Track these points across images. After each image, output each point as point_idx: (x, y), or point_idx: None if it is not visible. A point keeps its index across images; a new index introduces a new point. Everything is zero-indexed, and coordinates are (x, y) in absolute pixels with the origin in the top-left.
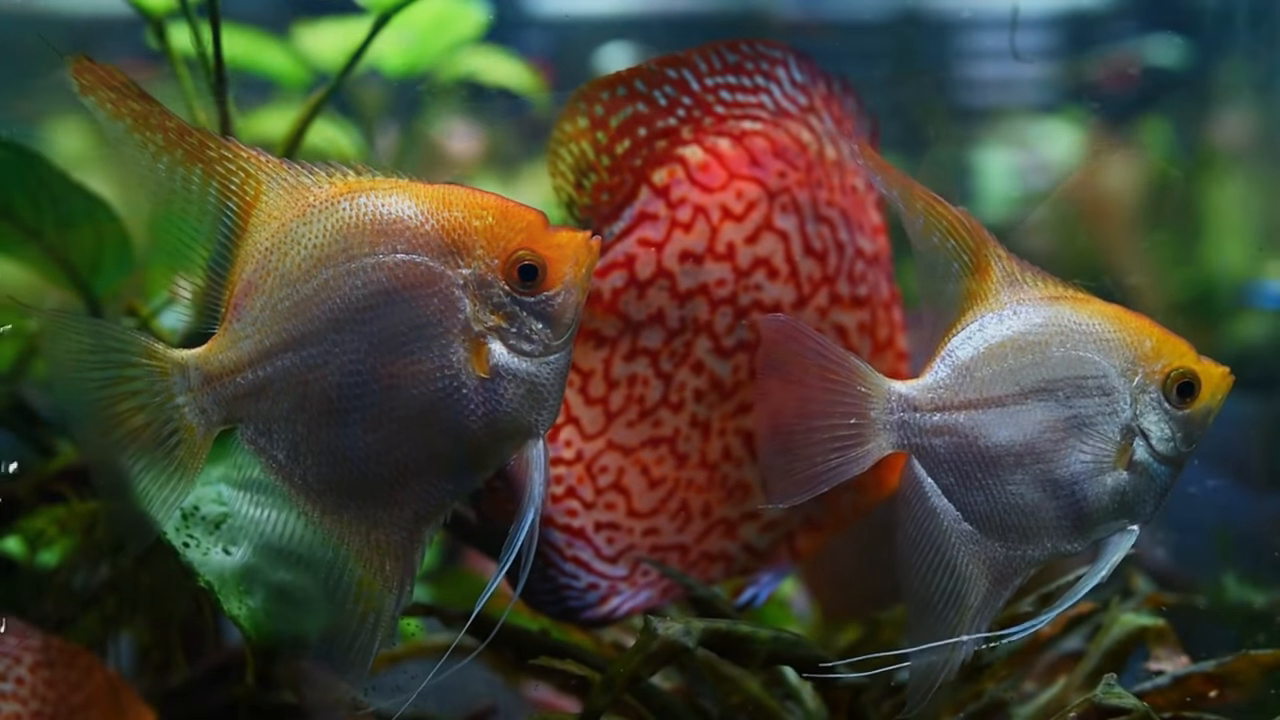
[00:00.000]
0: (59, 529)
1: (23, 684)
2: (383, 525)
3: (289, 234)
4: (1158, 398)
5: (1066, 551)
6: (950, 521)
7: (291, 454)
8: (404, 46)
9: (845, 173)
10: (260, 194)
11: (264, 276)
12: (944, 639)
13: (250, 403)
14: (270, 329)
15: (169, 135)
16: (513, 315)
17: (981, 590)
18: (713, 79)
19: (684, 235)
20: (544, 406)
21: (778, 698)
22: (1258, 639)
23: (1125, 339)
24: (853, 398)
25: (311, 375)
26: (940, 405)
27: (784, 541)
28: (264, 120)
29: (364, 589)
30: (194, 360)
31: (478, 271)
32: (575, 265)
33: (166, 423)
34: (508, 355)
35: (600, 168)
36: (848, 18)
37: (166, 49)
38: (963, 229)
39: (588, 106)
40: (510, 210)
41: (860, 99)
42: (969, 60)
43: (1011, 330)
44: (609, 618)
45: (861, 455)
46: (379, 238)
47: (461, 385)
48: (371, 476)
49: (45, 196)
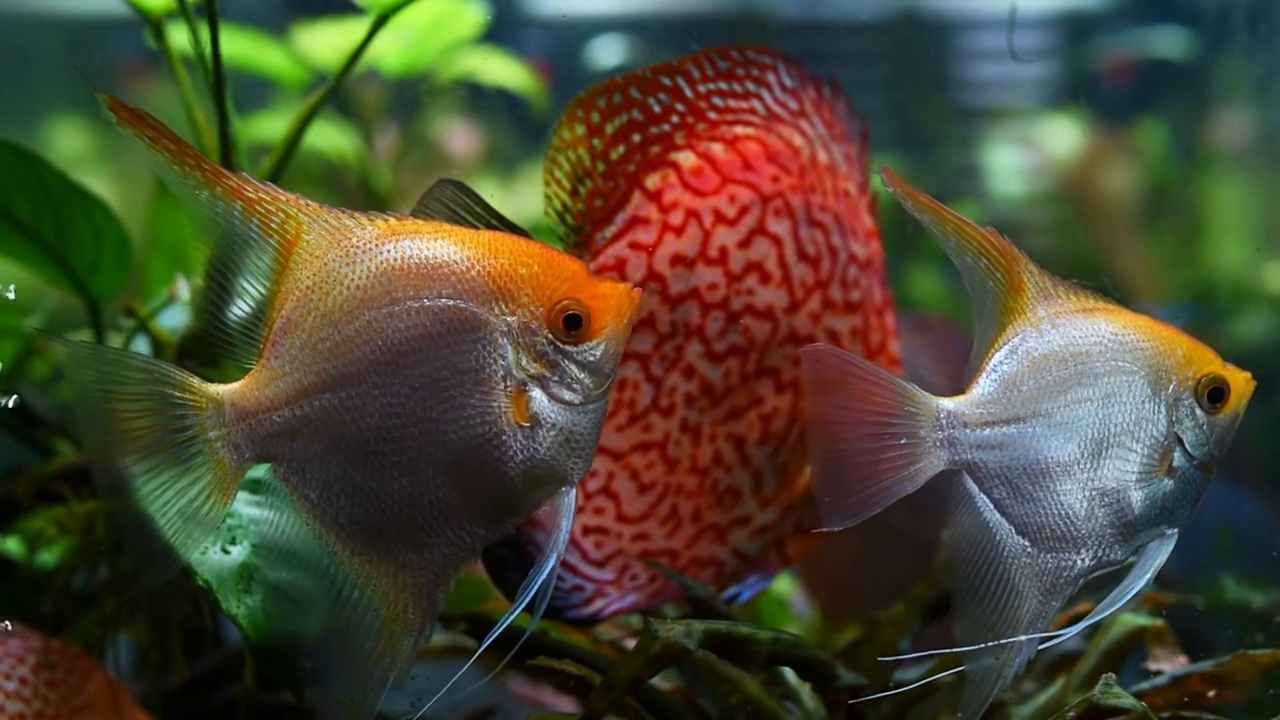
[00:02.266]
0: (58, 529)
1: (26, 684)
2: (411, 568)
3: (331, 273)
4: (1191, 404)
5: (1112, 560)
6: (1002, 535)
7: (325, 493)
8: (403, 46)
9: (838, 177)
10: (301, 233)
11: (304, 315)
12: (995, 654)
13: (285, 441)
14: (309, 368)
15: (205, 174)
16: (555, 364)
17: (1033, 602)
18: (705, 85)
19: (676, 239)
20: (580, 455)
21: (776, 698)
22: (1256, 639)
23: (1159, 348)
24: (902, 418)
25: (350, 416)
26: (988, 420)
27: (774, 547)
28: (262, 121)
29: (385, 629)
30: (229, 395)
31: (522, 319)
32: (617, 316)
33: (197, 456)
34: (548, 403)
35: (595, 174)
36: (846, 18)
37: (165, 49)
38: (993, 249)
39: (585, 113)
40: (555, 259)
41: (851, 102)
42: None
43: (1052, 344)
44: (593, 618)
45: (914, 474)
46: (424, 281)
47: (501, 432)
48: (405, 520)
49: (44, 197)
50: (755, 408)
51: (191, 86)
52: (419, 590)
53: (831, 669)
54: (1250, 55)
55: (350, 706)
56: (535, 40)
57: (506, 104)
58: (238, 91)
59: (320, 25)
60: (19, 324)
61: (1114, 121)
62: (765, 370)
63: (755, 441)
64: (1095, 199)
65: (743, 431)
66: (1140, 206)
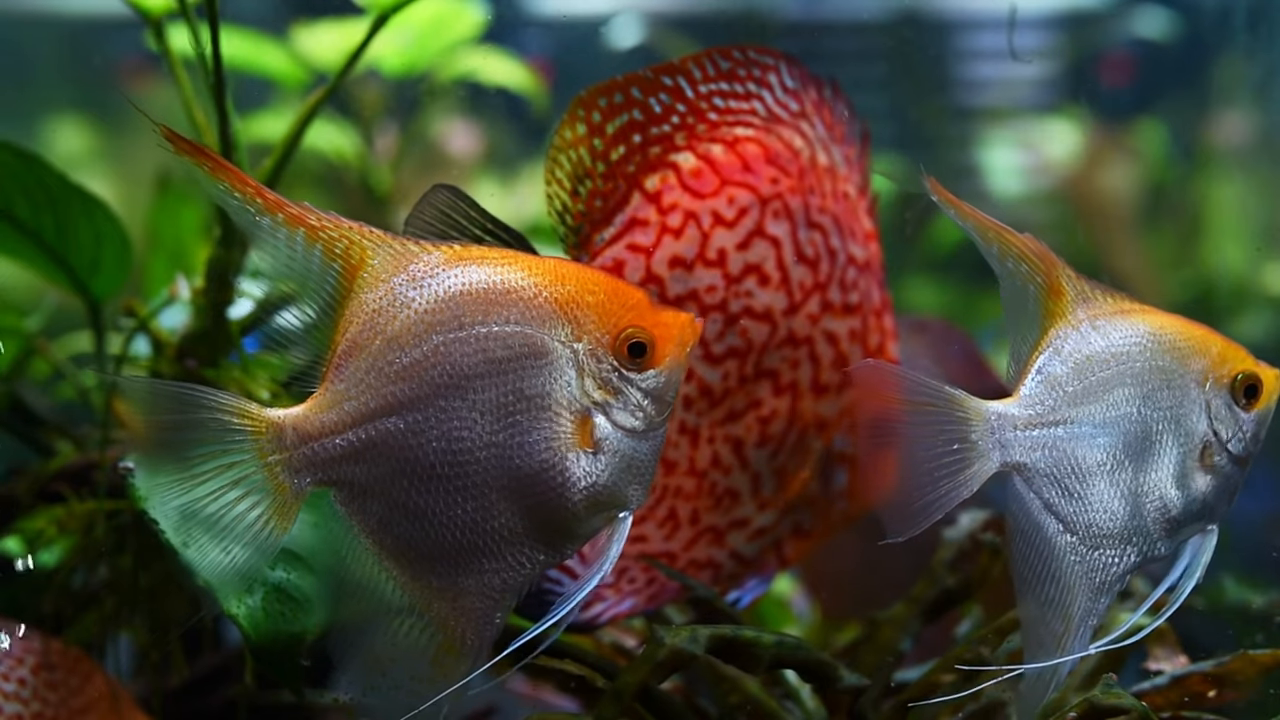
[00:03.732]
0: (58, 529)
1: (25, 685)
2: (469, 593)
3: (397, 297)
4: (1227, 400)
5: (1157, 555)
6: (1054, 533)
7: (385, 519)
8: (403, 47)
9: (837, 179)
10: (366, 258)
11: (369, 338)
12: (1052, 650)
13: (348, 465)
14: (374, 391)
15: (267, 202)
16: (619, 391)
17: (1085, 599)
18: (706, 86)
19: (674, 241)
20: (640, 481)
21: (776, 698)
22: (1256, 639)
23: (1195, 346)
24: (953, 424)
25: (414, 440)
26: (1036, 421)
27: (772, 549)
28: (262, 121)
29: (441, 653)
30: (290, 420)
31: (588, 346)
32: (679, 345)
33: (256, 481)
34: (611, 430)
35: (596, 174)
36: (847, 17)
37: (165, 50)
38: (1032, 254)
39: (586, 113)
40: (620, 287)
41: (851, 103)
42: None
43: (1094, 345)
44: (591, 624)
45: (970, 478)
46: (492, 307)
47: (565, 458)
48: (465, 545)
49: (44, 197)
50: (753, 410)
51: (192, 87)
52: (476, 615)
53: (834, 670)
54: (1250, 55)
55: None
56: (535, 40)
57: (507, 104)
58: (238, 91)
59: (320, 25)
60: (18, 324)
61: (1113, 121)
62: (764, 372)
63: (753, 444)
64: (1095, 199)
65: (741, 434)
66: (1139, 207)
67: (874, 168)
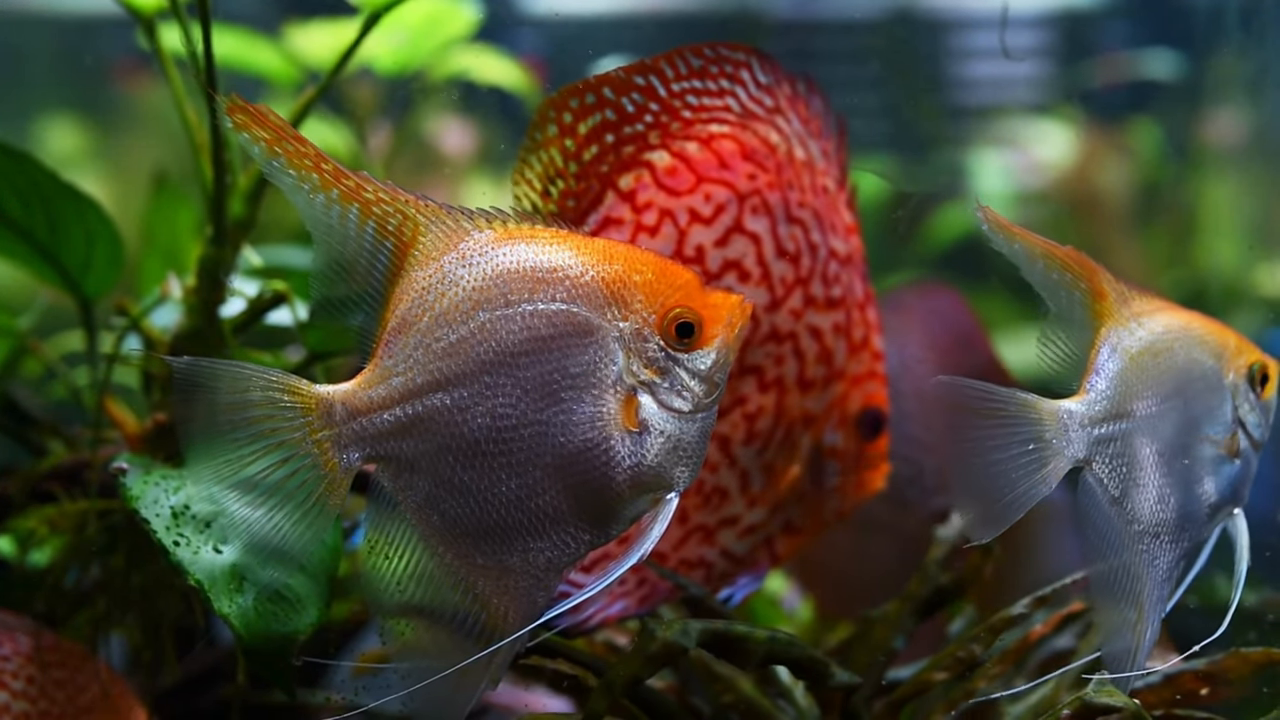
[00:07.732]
0: (49, 529)
1: (33, 683)
2: (514, 572)
3: (447, 275)
4: (1246, 389)
5: (1200, 540)
6: (1122, 524)
7: (431, 495)
8: (396, 45)
9: (815, 173)
10: (418, 234)
11: (419, 314)
12: (1127, 637)
13: (395, 440)
14: (423, 367)
15: (324, 176)
16: (666, 371)
17: (1152, 587)
18: (679, 84)
19: (650, 239)
20: (687, 463)
21: (770, 696)
22: (1249, 637)
23: (1218, 338)
24: (1027, 426)
25: (461, 416)
26: (1103, 417)
27: (763, 546)
28: None
29: (485, 631)
30: (339, 395)
31: (635, 325)
32: (728, 326)
33: (306, 458)
34: (657, 410)
35: (568, 174)
36: (840, 16)
37: (157, 49)
38: (1075, 264)
39: (557, 114)
40: (669, 267)
41: (827, 98)
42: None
43: (1142, 340)
44: (582, 626)
45: (1046, 476)
46: (539, 285)
47: (610, 437)
48: (510, 522)
49: (36, 197)
50: (739, 407)
51: (184, 85)
52: (520, 594)
53: (826, 668)
54: (1242, 54)
55: (440, 706)
56: (529, 39)
57: (500, 102)
58: (230, 90)
59: (313, 24)
60: (11, 323)
61: (1107, 121)
62: (748, 369)
63: (740, 441)
64: (1088, 198)
65: (727, 431)
66: (1133, 206)
67: (869, 168)
